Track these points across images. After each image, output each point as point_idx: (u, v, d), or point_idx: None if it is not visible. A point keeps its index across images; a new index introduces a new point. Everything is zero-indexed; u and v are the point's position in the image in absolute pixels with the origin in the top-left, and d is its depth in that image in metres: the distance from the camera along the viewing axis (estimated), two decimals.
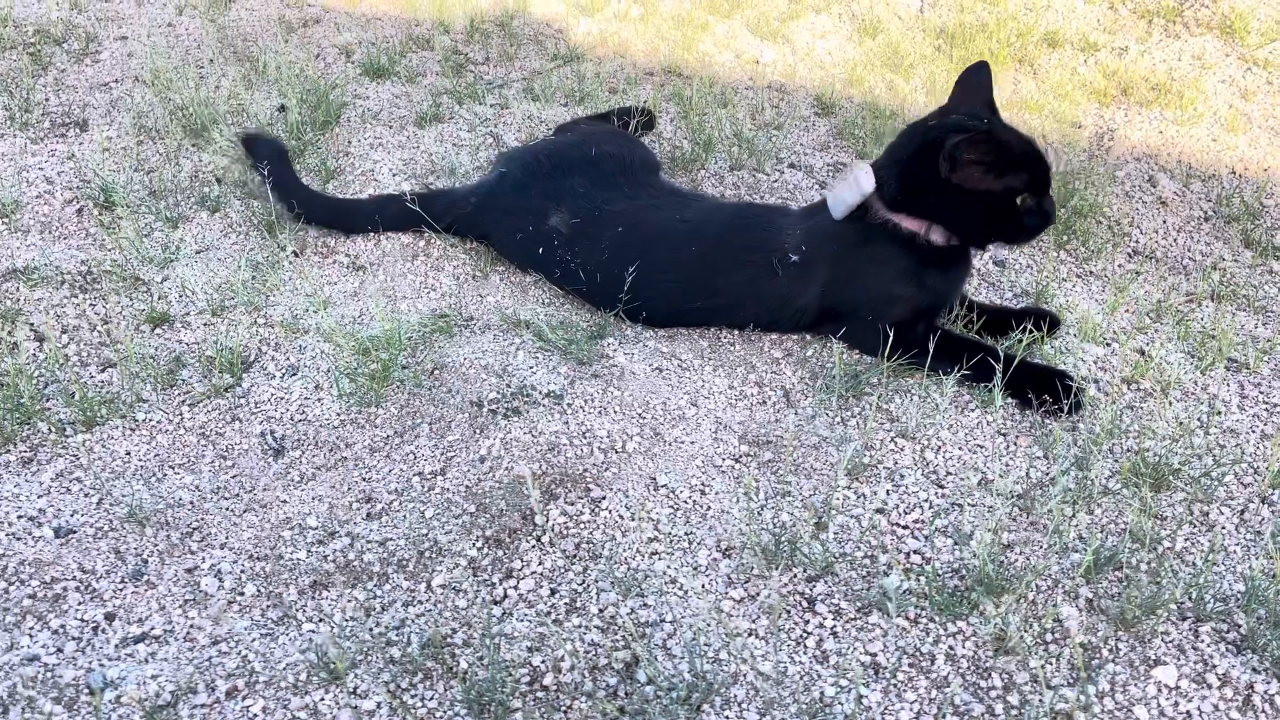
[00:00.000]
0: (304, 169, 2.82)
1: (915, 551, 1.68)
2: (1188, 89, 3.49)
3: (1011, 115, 3.39)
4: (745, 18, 4.04)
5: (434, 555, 1.64)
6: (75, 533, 1.69)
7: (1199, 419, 2.02)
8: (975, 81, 2.13)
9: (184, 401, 2.03)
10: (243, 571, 1.62)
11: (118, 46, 3.60)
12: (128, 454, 1.88)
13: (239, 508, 1.77)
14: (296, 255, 2.49)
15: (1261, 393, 2.12)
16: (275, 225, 2.54)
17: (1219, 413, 2.04)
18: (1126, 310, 2.41)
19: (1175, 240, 2.76)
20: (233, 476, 1.85)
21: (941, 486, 1.83)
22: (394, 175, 2.82)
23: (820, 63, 3.77)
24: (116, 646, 1.48)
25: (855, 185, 2.09)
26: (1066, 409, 1.97)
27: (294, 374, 2.10)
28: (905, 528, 1.73)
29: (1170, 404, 2.05)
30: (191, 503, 1.78)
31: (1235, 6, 3.88)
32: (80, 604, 1.55)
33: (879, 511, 1.76)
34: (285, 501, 1.78)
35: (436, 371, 2.08)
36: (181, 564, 1.64)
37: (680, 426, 1.95)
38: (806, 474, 1.85)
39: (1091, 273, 2.60)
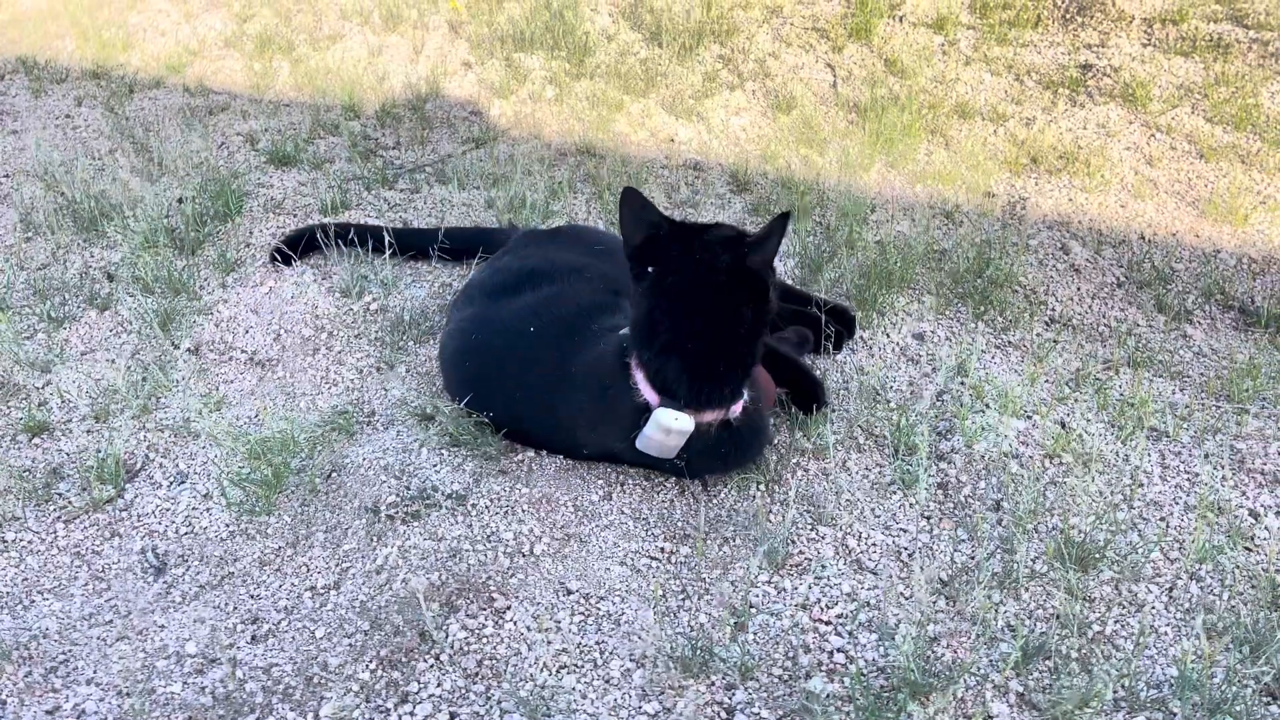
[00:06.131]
0: (202, 262, 2.71)
1: (839, 650, 1.59)
2: (1094, 157, 3.54)
3: (926, 186, 3.42)
4: (660, 96, 4.04)
5: (323, 681, 1.51)
6: None
7: (1122, 493, 1.98)
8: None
9: (59, 518, 1.88)
10: (109, 711, 1.47)
11: (9, 141, 3.47)
12: None
13: (111, 636, 1.62)
14: (192, 353, 2.37)
15: (1183, 462, 2.09)
16: (169, 322, 2.42)
17: (1141, 485, 2.00)
18: (1046, 380, 2.38)
19: (1090, 307, 2.76)
20: (106, 600, 1.70)
21: (864, 575, 1.76)
22: (295, 265, 2.71)
23: (735, 139, 3.77)
24: None
25: None
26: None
27: (182, 482, 1.97)
28: (828, 623, 1.65)
29: (1093, 478, 2.01)
30: (59, 632, 1.63)
31: (1136, 75, 3.98)
32: None
33: (801, 607, 1.68)
34: (163, 626, 1.64)
35: (334, 474, 1.96)
36: (42, 704, 1.49)
37: (593, 523, 1.86)
38: (725, 568, 1.77)
39: (1010, 343, 2.58)
